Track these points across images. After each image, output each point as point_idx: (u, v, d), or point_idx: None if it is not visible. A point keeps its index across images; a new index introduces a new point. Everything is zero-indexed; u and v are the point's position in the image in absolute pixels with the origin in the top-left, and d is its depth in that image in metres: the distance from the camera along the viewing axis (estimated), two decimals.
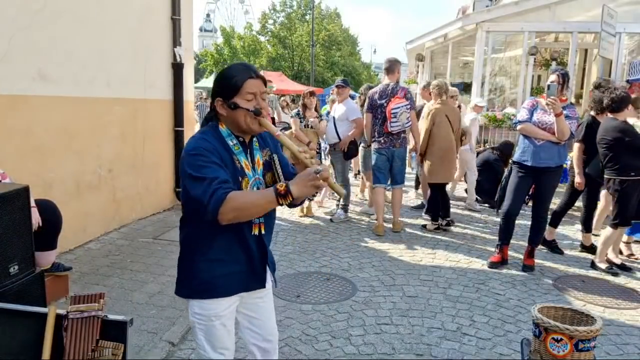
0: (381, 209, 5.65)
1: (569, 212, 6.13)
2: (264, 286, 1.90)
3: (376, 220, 5.69)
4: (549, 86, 4.11)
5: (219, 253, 1.76)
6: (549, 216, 4.87)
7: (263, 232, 1.83)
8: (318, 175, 1.54)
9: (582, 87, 11.97)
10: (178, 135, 6.28)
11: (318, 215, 6.25)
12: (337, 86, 6.22)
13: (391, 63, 5.59)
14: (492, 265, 4.53)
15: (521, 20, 9.45)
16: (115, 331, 1.80)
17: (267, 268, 1.90)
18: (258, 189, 1.78)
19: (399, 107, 5.30)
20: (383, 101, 5.43)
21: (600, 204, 5.16)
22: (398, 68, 5.60)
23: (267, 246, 1.88)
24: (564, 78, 4.21)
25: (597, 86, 5.36)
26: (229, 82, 1.71)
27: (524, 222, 5.76)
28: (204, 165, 1.61)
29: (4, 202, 2.50)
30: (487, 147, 8.28)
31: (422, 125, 5.77)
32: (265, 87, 1.78)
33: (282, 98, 13.90)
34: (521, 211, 4.74)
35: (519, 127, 4.39)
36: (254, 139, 1.85)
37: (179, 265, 1.85)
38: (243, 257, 1.80)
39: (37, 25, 4.03)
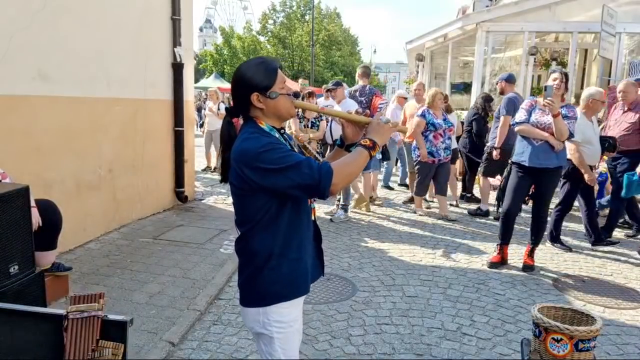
0: (356, 189, 6.68)
1: (569, 212, 6.13)
2: (323, 273, 1.96)
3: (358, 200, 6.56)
4: (545, 87, 4.10)
5: (296, 251, 1.75)
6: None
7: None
8: (390, 123, 1.76)
9: (582, 87, 11.95)
10: (178, 135, 6.28)
11: (318, 215, 6.18)
12: (328, 90, 6.31)
13: (367, 69, 7.02)
14: (492, 265, 4.53)
15: (521, 20, 9.44)
16: (115, 331, 1.79)
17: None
18: None
19: (383, 104, 6.71)
20: (363, 99, 6.60)
21: None
22: (370, 73, 6.96)
23: (320, 230, 1.94)
24: (566, 78, 4.21)
25: None
26: (264, 75, 1.69)
27: (524, 221, 5.77)
28: (284, 155, 1.59)
29: (4, 202, 2.50)
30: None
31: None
32: None
33: None
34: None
35: (516, 128, 4.38)
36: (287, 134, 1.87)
37: (252, 276, 1.74)
38: (311, 247, 1.84)
39: (37, 25, 4.03)
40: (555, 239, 5.19)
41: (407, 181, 7.74)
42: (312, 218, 1.86)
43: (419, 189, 6.32)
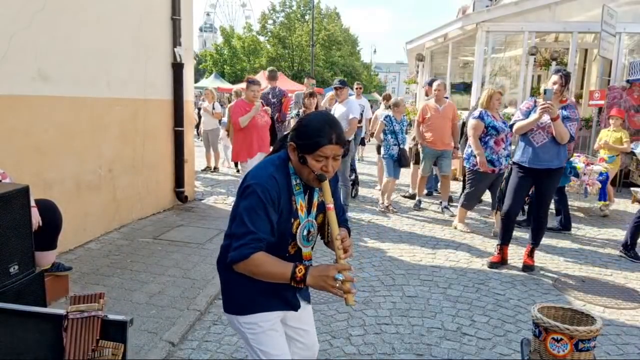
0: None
1: (571, 213, 6.14)
2: (296, 310, 1.90)
3: None
4: (545, 91, 4.07)
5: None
6: None
7: (308, 262, 1.84)
8: (337, 284, 1.53)
9: (582, 87, 11.97)
10: (178, 135, 6.28)
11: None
12: (335, 88, 6.29)
13: (273, 72, 7.82)
14: (492, 265, 4.53)
15: (521, 20, 9.45)
16: (115, 331, 1.79)
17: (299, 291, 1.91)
18: (309, 231, 1.80)
19: (292, 103, 7.40)
20: (274, 100, 7.39)
21: None
22: (276, 75, 7.82)
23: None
24: (567, 79, 4.17)
25: None
26: (310, 139, 1.65)
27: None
28: (255, 211, 1.62)
29: (4, 202, 2.50)
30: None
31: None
32: (343, 149, 1.71)
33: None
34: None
35: (513, 129, 4.37)
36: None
37: (221, 282, 1.88)
38: (285, 284, 1.79)
39: (37, 25, 4.03)
40: (628, 248, 4.90)
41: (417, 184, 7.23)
42: (292, 252, 1.81)
43: (468, 202, 5.66)
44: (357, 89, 9.32)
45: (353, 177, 7.34)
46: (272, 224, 1.66)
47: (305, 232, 1.79)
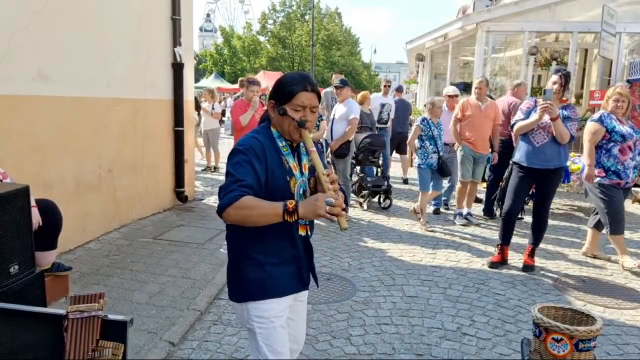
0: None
1: (570, 212, 6.13)
2: (307, 288, 1.94)
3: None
4: (545, 91, 4.07)
5: (270, 255, 1.79)
6: None
7: (309, 233, 1.88)
8: (328, 207, 1.55)
9: (582, 87, 11.98)
10: (178, 135, 6.28)
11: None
12: (335, 87, 6.27)
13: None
14: (492, 265, 4.53)
15: (521, 20, 9.46)
16: (115, 331, 1.79)
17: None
18: (304, 190, 1.83)
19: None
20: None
21: None
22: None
23: (312, 247, 1.93)
24: (566, 79, 4.17)
25: None
26: (285, 89, 1.77)
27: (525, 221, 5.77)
28: (241, 164, 1.69)
29: (4, 202, 2.50)
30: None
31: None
32: (319, 102, 1.84)
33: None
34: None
35: (514, 129, 4.37)
36: (301, 143, 1.88)
37: (228, 269, 1.88)
38: (292, 258, 1.84)
39: (37, 25, 4.02)
40: None
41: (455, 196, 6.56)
42: (302, 233, 1.84)
43: (615, 226, 4.48)
44: (384, 87, 8.92)
45: (386, 185, 6.83)
46: (258, 176, 1.68)
47: (301, 191, 1.82)
